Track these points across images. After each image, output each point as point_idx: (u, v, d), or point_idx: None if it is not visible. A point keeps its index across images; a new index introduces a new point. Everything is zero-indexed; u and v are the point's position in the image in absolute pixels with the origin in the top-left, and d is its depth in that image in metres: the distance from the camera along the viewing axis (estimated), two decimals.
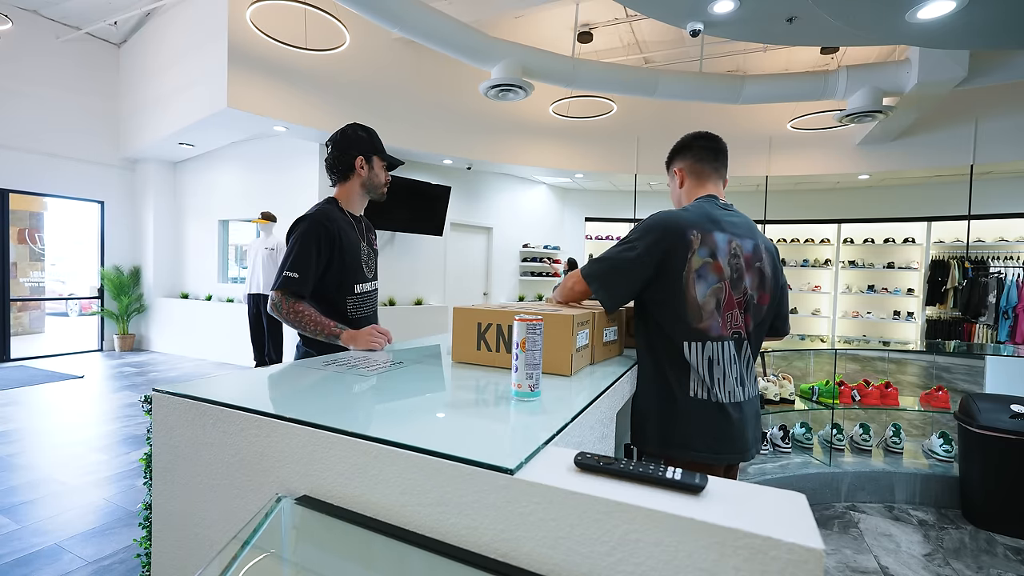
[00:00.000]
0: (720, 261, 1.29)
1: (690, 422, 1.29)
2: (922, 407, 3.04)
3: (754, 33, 4.27)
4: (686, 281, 1.27)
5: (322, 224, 1.61)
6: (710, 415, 1.28)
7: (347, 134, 1.74)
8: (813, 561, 0.48)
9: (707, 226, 1.30)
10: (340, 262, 1.65)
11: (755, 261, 1.36)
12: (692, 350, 1.28)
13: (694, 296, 1.27)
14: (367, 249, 1.78)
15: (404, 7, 4.43)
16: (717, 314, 1.28)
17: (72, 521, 2.51)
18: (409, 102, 6.64)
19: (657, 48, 7.23)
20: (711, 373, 1.28)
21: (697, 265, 1.27)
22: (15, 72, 6.42)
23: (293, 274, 1.56)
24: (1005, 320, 7.03)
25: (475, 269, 8.79)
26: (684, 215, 1.32)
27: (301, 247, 1.58)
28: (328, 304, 1.67)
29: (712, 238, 1.30)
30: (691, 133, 1.50)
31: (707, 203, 1.39)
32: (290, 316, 1.56)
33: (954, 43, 4.00)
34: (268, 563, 0.70)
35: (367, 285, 1.76)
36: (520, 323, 0.95)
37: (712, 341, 1.28)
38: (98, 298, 7.61)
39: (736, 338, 1.32)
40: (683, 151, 1.49)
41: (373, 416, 0.90)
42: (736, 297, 1.31)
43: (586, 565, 0.58)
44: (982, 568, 2.25)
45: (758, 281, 1.36)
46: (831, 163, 7.70)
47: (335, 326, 1.55)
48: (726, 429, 1.29)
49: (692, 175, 1.47)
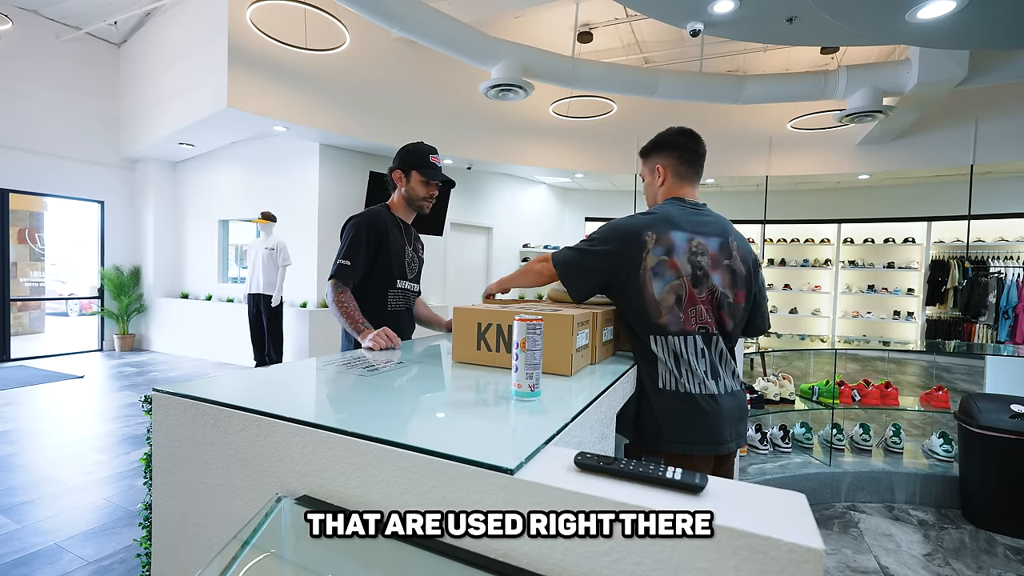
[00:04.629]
0: (676, 259, 1.33)
1: (660, 413, 1.33)
2: (922, 407, 3.04)
3: (754, 33, 4.27)
4: (643, 279, 1.33)
5: (372, 220, 1.82)
6: (679, 406, 1.32)
7: (400, 149, 1.92)
8: (813, 561, 0.48)
9: (663, 227, 1.35)
10: (386, 256, 1.83)
11: (723, 259, 1.38)
12: (656, 344, 1.34)
13: (651, 293, 1.32)
14: (411, 252, 1.96)
15: (404, 7, 4.43)
16: (678, 309, 1.32)
17: (72, 521, 2.51)
18: (409, 102, 6.64)
19: (657, 48, 7.23)
20: (678, 366, 1.33)
21: (652, 263, 1.32)
22: (15, 72, 6.42)
23: (346, 262, 1.74)
24: (1005, 320, 7.03)
25: (475, 269, 8.79)
26: (642, 218, 1.39)
27: (353, 238, 1.76)
28: (371, 293, 1.83)
29: (668, 237, 1.34)
30: (675, 129, 1.50)
31: (673, 205, 1.43)
32: (335, 304, 1.70)
33: (954, 43, 4.00)
34: (268, 563, 0.70)
35: (407, 284, 1.93)
36: (520, 323, 0.95)
37: (673, 335, 1.33)
38: (98, 298, 7.61)
39: (704, 333, 1.35)
40: (668, 148, 1.49)
41: (373, 416, 0.90)
42: (700, 294, 1.34)
43: (585, 565, 0.58)
44: (982, 568, 2.25)
45: (730, 279, 1.38)
46: (831, 163, 7.70)
47: (363, 323, 1.65)
48: (698, 421, 1.32)
49: (675, 176, 1.48)
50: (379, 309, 1.82)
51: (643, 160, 1.56)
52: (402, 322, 1.89)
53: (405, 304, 1.95)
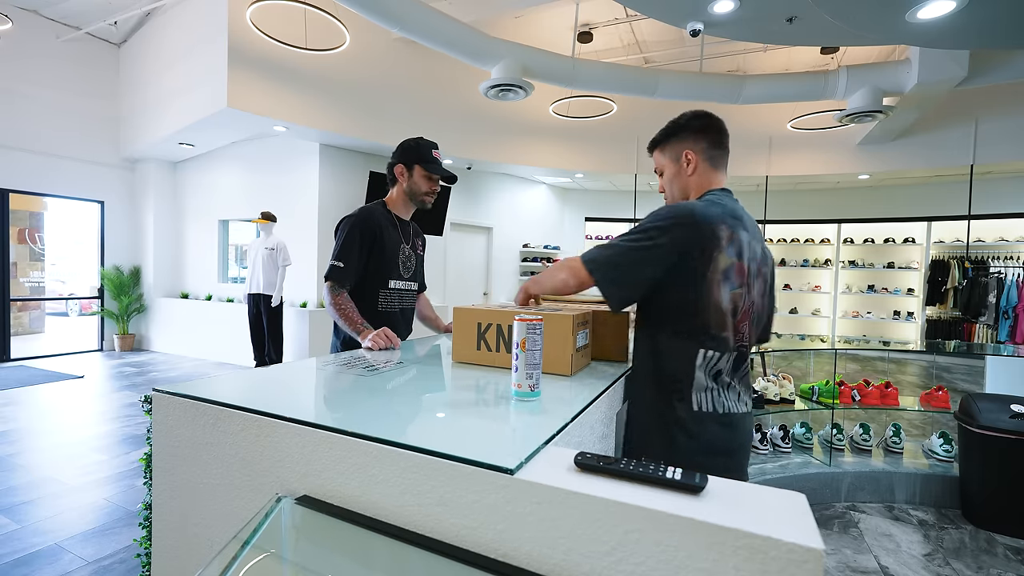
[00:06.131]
0: (745, 263, 1.15)
1: (696, 437, 1.14)
2: (922, 407, 3.04)
3: (754, 33, 4.27)
4: (711, 281, 1.10)
5: (364, 219, 1.79)
6: (715, 427, 1.15)
7: (401, 144, 1.88)
8: (813, 561, 0.48)
9: (733, 223, 1.14)
10: (379, 256, 1.80)
11: (763, 267, 1.24)
12: (706, 360, 1.13)
13: (718, 300, 1.11)
14: (408, 250, 1.92)
15: (404, 7, 4.43)
16: (732, 322, 1.14)
17: (72, 521, 2.51)
18: (409, 102, 6.64)
19: (657, 48, 7.22)
20: (718, 384, 1.15)
21: (724, 265, 1.10)
22: (15, 72, 6.42)
23: (339, 263, 1.72)
24: (1005, 320, 7.03)
25: (475, 269, 8.79)
26: (715, 208, 1.14)
27: (346, 239, 1.74)
28: (362, 295, 1.80)
29: (739, 237, 1.14)
30: (698, 112, 1.29)
31: (727, 198, 1.21)
32: (333, 306, 1.69)
33: (954, 43, 4.00)
34: (268, 563, 0.70)
35: (401, 283, 1.89)
36: (520, 323, 0.95)
37: (728, 352, 1.15)
38: (98, 298, 7.61)
39: (741, 351, 1.19)
40: (694, 131, 1.27)
41: (373, 416, 0.90)
42: (745, 306, 1.17)
43: (586, 565, 0.58)
44: (982, 568, 2.25)
45: (762, 288, 1.25)
46: (831, 163, 7.70)
47: (362, 324, 1.64)
48: (731, 440, 1.17)
49: (709, 161, 1.26)
50: (370, 310, 1.79)
51: (659, 151, 1.34)
52: (394, 323, 1.83)
53: (400, 304, 1.90)
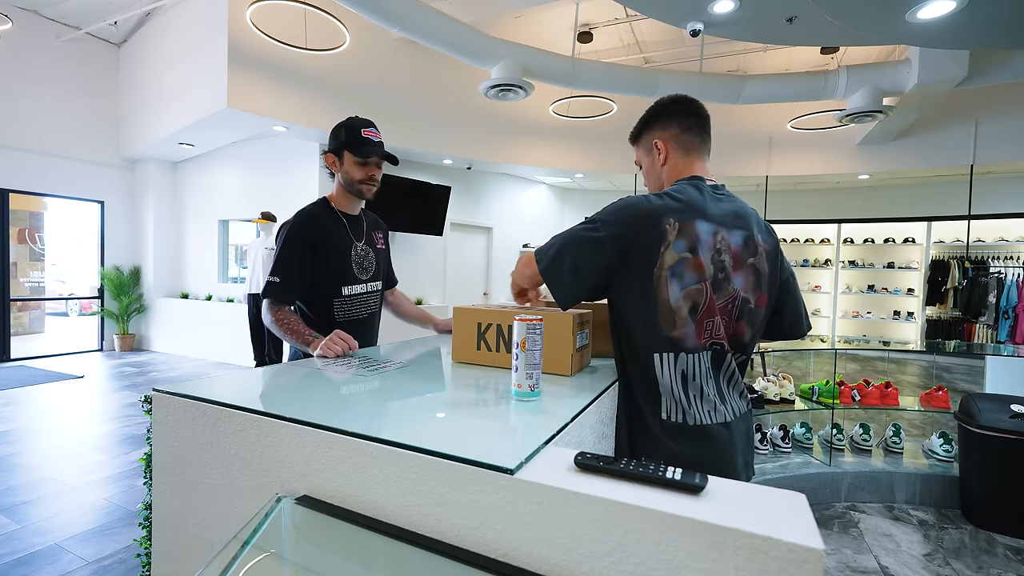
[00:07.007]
0: (702, 257, 1.06)
1: (663, 450, 1.07)
2: (922, 407, 3.04)
3: (754, 33, 4.27)
4: (657, 280, 1.04)
5: (298, 226, 1.58)
6: (686, 442, 1.07)
7: (332, 131, 1.65)
8: (813, 561, 0.48)
9: (687, 214, 1.06)
10: (323, 264, 1.60)
11: (747, 257, 1.12)
12: (664, 363, 1.07)
13: (667, 298, 1.05)
14: (363, 248, 1.70)
15: (404, 7, 4.43)
16: (691, 320, 1.06)
17: (72, 521, 2.51)
18: (409, 102, 6.64)
19: (657, 48, 7.22)
20: (686, 391, 1.08)
21: (671, 261, 1.04)
22: (15, 72, 6.42)
23: (275, 279, 1.53)
24: (1005, 320, 7.03)
25: (475, 269, 8.79)
26: (658, 201, 1.08)
27: (281, 250, 1.56)
28: (315, 307, 1.63)
29: (693, 229, 1.06)
30: (668, 97, 1.22)
31: (691, 185, 1.13)
32: (274, 324, 1.51)
33: (954, 43, 4.00)
34: (268, 563, 0.70)
35: (359, 287, 1.68)
36: (520, 323, 0.95)
37: (687, 353, 1.07)
38: (98, 298, 7.61)
39: (716, 349, 1.10)
40: (665, 119, 1.20)
41: (373, 416, 0.90)
42: (720, 302, 1.08)
43: (586, 565, 0.58)
44: (982, 568, 2.25)
45: (754, 281, 1.13)
46: (831, 163, 7.70)
47: (309, 335, 1.46)
48: (707, 456, 1.08)
49: (679, 148, 1.19)
50: (326, 323, 1.59)
51: (635, 145, 1.28)
52: (357, 332, 1.57)
53: (364, 310, 1.71)
